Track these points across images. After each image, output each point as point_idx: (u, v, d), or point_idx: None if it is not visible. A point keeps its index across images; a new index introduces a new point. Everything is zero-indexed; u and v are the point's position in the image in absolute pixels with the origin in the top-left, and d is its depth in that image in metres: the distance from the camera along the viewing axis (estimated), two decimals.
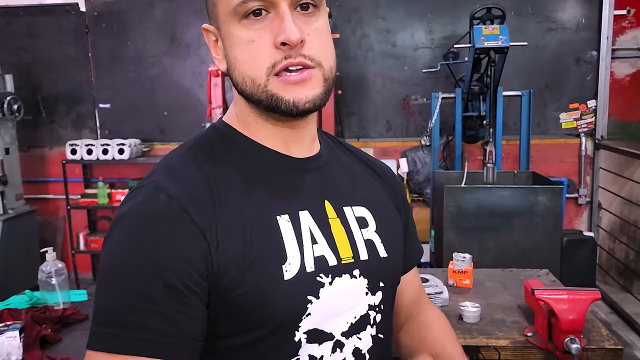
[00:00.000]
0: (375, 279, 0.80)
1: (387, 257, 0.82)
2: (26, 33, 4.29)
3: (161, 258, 0.64)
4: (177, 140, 4.25)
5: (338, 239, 0.77)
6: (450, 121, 3.74)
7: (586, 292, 1.42)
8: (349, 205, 0.81)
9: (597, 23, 3.84)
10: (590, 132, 3.96)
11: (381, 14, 4.01)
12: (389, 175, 0.94)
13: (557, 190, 2.73)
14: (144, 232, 0.65)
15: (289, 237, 0.72)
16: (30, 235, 4.12)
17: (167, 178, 0.70)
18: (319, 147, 0.83)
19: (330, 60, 0.72)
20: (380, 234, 0.83)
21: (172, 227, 0.65)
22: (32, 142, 4.39)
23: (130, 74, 4.25)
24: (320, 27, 0.71)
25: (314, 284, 0.72)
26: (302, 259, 0.71)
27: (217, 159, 0.74)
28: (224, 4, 0.70)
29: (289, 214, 0.73)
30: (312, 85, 0.70)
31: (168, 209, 0.66)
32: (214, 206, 0.68)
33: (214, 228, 0.67)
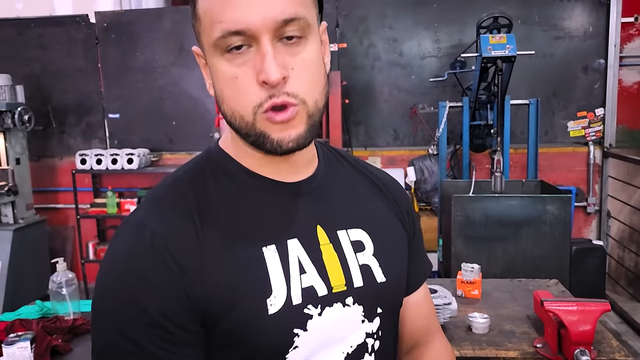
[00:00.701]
0: (371, 306, 0.77)
1: (385, 281, 0.78)
2: (37, 44, 4.35)
3: (142, 299, 0.64)
4: (185, 150, 4.28)
5: (329, 267, 0.74)
6: (458, 130, 3.74)
7: (596, 304, 1.41)
8: (343, 229, 0.78)
9: (604, 31, 3.84)
10: (598, 140, 3.95)
11: (388, 23, 4.03)
12: (392, 187, 0.90)
13: (565, 199, 2.72)
14: (126, 273, 0.66)
15: (275, 269, 0.69)
16: (40, 245, 4.15)
17: (151, 214, 0.70)
18: (315, 166, 0.80)
19: (316, 93, 0.68)
20: (378, 256, 0.79)
21: (154, 267, 0.65)
22: (43, 152, 4.44)
23: (139, 84, 4.29)
24: (307, 57, 0.67)
25: (300, 317, 0.70)
26: (288, 291, 0.69)
27: (205, 190, 0.73)
28: (206, 36, 0.68)
29: (275, 244, 0.71)
30: (295, 125, 0.67)
31: (150, 248, 0.66)
32: (197, 242, 0.67)
33: (196, 265, 0.66)
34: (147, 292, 0.65)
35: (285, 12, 0.63)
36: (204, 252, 0.67)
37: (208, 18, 0.66)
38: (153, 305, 0.64)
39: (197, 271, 0.66)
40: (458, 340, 1.54)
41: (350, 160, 0.88)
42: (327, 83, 0.72)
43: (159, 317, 0.64)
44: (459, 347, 1.50)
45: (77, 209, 4.16)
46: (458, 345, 1.51)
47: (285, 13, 0.63)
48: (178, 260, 0.66)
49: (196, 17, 0.69)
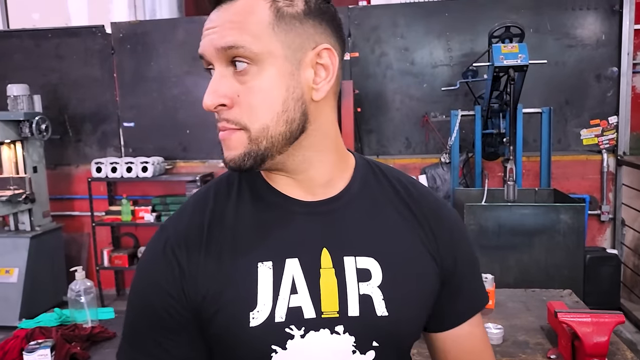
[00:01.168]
0: (365, 338, 0.74)
1: (386, 316, 0.74)
2: (54, 55, 4.43)
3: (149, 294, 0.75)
4: (199, 158, 4.33)
5: (325, 291, 0.73)
6: (470, 138, 3.75)
7: (610, 315, 1.41)
8: (352, 255, 0.75)
9: (617, 39, 3.83)
10: (612, 148, 3.93)
11: (400, 32, 4.05)
12: (434, 216, 0.82)
13: (579, 208, 2.72)
14: (143, 272, 0.77)
15: (265, 285, 0.72)
16: (57, 252, 4.21)
17: (173, 219, 0.80)
18: (341, 187, 0.79)
19: (264, 119, 0.69)
20: (384, 289, 0.75)
21: (161, 268, 0.74)
22: (59, 160, 4.51)
23: (153, 93, 4.35)
24: (254, 86, 0.68)
25: (280, 335, 0.71)
26: (273, 307, 0.71)
27: (226, 201, 0.78)
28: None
29: (273, 261, 0.73)
30: (231, 146, 0.70)
31: (162, 251, 0.75)
32: (201, 249, 0.74)
33: (194, 270, 0.73)
34: (155, 292, 0.74)
35: (223, 41, 0.67)
36: (204, 259, 0.73)
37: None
38: (157, 298, 0.74)
39: (194, 275, 0.73)
40: None
41: (393, 181, 0.83)
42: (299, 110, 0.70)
43: (160, 308, 0.73)
44: None
45: (92, 217, 4.22)
46: None
47: (222, 41, 0.67)
48: (180, 263, 0.73)
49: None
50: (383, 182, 0.83)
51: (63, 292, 4.19)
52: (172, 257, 0.74)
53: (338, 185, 0.79)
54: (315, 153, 0.75)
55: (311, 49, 0.70)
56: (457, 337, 0.85)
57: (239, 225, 0.75)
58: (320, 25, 0.71)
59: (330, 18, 0.73)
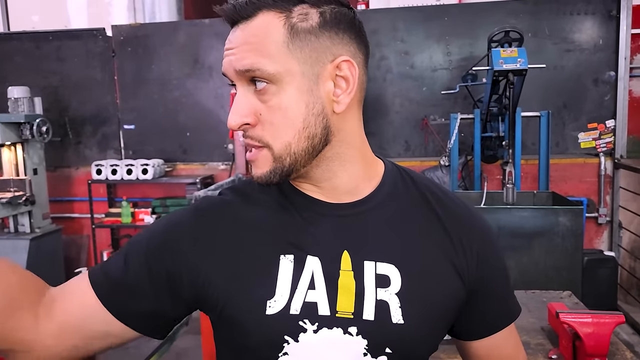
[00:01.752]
0: (378, 343, 0.74)
1: (402, 324, 0.74)
2: (55, 57, 4.44)
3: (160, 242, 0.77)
4: (199, 161, 4.35)
5: (342, 291, 0.74)
6: (469, 141, 3.78)
7: (610, 316, 1.44)
8: (372, 260, 0.75)
9: (614, 43, 3.87)
10: (609, 151, 3.97)
11: (400, 36, 4.08)
12: (464, 229, 0.81)
13: (577, 210, 2.75)
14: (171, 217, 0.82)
15: (285, 277, 0.74)
16: (56, 254, 4.22)
17: (211, 196, 0.84)
18: (368, 191, 0.79)
19: (286, 137, 0.70)
20: (402, 297, 0.74)
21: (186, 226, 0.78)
22: (59, 162, 4.52)
23: (154, 96, 4.37)
24: (275, 105, 0.70)
25: (294, 327, 0.73)
26: (289, 299, 0.73)
27: (255, 198, 0.81)
28: None
29: (294, 255, 0.75)
30: (258, 165, 0.73)
31: (193, 215, 0.80)
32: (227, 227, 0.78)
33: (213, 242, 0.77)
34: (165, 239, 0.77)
35: (240, 64, 0.70)
36: (231, 237, 0.77)
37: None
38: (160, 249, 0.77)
39: (216, 249, 0.76)
40: None
41: (422, 189, 0.83)
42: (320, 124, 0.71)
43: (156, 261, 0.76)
44: None
45: (92, 219, 4.24)
46: None
47: (240, 64, 0.70)
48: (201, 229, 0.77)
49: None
50: (412, 189, 0.82)
51: None
52: (197, 225, 0.78)
53: (364, 191, 0.79)
54: (340, 163, 0.76)
55: (329, 62, 0.70)
56: (489, 346, 0.87)
57: (265, 220, 0.78)
58: (337, 35, 0.71)
59: (348, 24, 0.72)
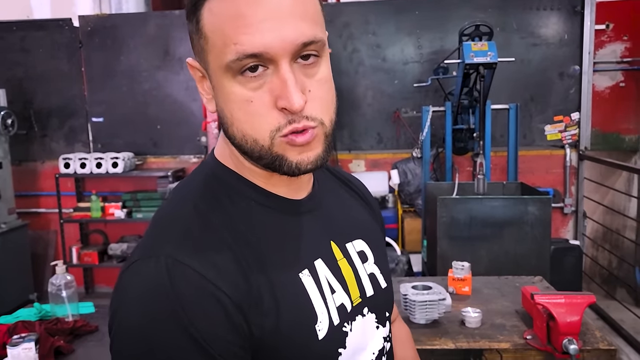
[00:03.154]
0: (381, 312, 0.80)
1: (386, 286, 0.82)
2: (19, 48, 4.31)
3: (201, 341, 0.58)
4: (170, 154, 4.29)
5: (348, 281, 0.75)
6: (440, 133, 3.84)
7: (582, 296, 1.50)
8: (350, 241, 0.79)
9: (578, 38, 3.99)
10: (574, 143, 4.10)
11: (371, 29, 4.11)
12: (365, 191, 0.93)
13: (545, 200, 2.83)
14: (175, 320, 0.58)
15: (314, 294, 0.69)
16: (23, 250, 4.11)
17: (182, 247, 0.62)
18: (312, 182, 0.79)
19: (331, 112, 0.66)
20: (378, 263, 0.82)
21: (208, 311, 0.59)
22: (24, 156, 4.39)
23: (123, 88, 4.29)
24: (322, 77, 0.65)
25: (341, 335, 0.71)
26: (328, 313, 0.70)
27: (228, 215, 0.67)
28: (215, 55, 0.63)
29: (307, 268, 0.70)
30: (314, 146, 0.65)
31: (199, 289, 0.59)
32: (243, 273, 0.63)
33: (249, 298, 0.62)
34: (204, 338, 0.58)
35: (305, 35, 0.61)
36: (251, 280, 0.63)
37: (219, 38, 0.61)
38: (214, 346, 0.59)
39: (251, 303, 0.62)
40: (453, 334, 1.61)
41: (331, 170, 0.89)
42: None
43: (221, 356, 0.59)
44: (454, 340, 1.57)
45: (60, 213, 4.14)
46: (453, 338, 1.58)
47: (304, 36, 0.61)
48: (232, 299, 0.61)
49: (200, 34, 0.64)
50: (324, 171, 0.86)
51: (29, 290, 4.10)
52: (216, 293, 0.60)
53: (312, 178, 0.79)
54: None
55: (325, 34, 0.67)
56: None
57: (260, 238, 0.68)
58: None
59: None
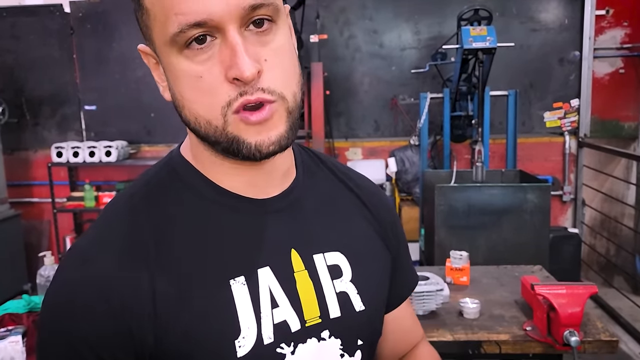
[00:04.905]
0: (351, 338, 0.69)
1: (364, 310, 0.70)
2: (9, 34, 4.22)
3: (81, 341, 0.57)
4: (164, 142, 4.24)
5: (304, 297, 0.66)
6: (438, 121, 3.79)
7: (584, 287, 1.46)
8: (320, 252, 0.69)
9: (579, 23, 3.93)
10: (573, 130, 4.05)
11: (368, 14, 4.04)
12: (375, 199, 0.80)
13: (544, 188, 2.79)
14: (64, 315, 0.58)
15: (244, 305, 0.61)
16: (16, 240, 4.06)
17: (96, 243, 0.61)
18: (292, 178, 0.71)
19: (293, 85, 0.60)
20: (356, 282, 0.70)
21: (94, 307, 0.57)
22: (16, 145, 4.32)
23: (116, 75, 4.22)
24: (279, 46, 0.58)
25: (272, 357, 0.62)
26: (259, 329, 0.61)
27: (163, 210, 0.63)
28: (159, 31, 0.57)
29: (244, 275, 0.62)
30: (275, 124, 0.58)
31: (91, 286, 0.58)
32: (151, 277, 0.59)
33: (150, 303, 0.58)
34: (87, 334, 0.57)
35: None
36: (159, 289, 0.59)
37: (159, 10, 0.56)
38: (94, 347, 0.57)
39: (152, 310, 0.58)
40: (451, 325, 1.58)
41: (331, 167, 0.79)
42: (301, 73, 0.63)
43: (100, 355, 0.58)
44: (452, 332, 1.54)
45: (53, 203, 4.09)
46: (451, 330, 1.55)
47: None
48: (126, 300, 0.57)
49: (142, 9, 0.59)
50: (321, 167, 0.77)
51: (23, 281, 4.06)
52: (109, 292, 0.57)
53: (290, 174, 0.71)
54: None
55: (282, 5, 0.61)
56: (396, 318, 0.83)
57: (192, 238, 0.62)
58: None
59: None
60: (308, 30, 3.71)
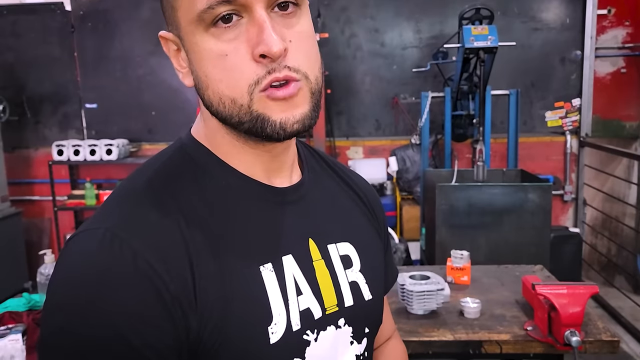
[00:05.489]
0: (360, 326, 0.71)
1: (371, 299, 0.73)
2: (10, 32, 4.22)
3: (126, 328, 0.52)
4: (165, 141, 4.23)
5: (323, 286, 0.67)
6: (439, 120, 3.78)
7: (585, 287, 1.46)
8: (333, 243, 0.71)
9: (580, 23, 3.92)
10: (575, 130, 4.05)
11: (370, 13, 4.04)
12: (369, 194, 0.83)
13: (545, 187, 2.79)
14: (102, 300, 0.53)
15: (274, 292, 0.61)
16: (16, 238, 4.06)
17: (124, 224, 0.57)
18: (299, 171, 0.72)
19: (315, 69, 0.60)
20: (364, 272, 0.73)
21: (138, 292, 0.53)
22: (17, 143, 4.32)
23: (117, 74, 4.21)
24: (303, 30, 0.60)
25: (300, 344, 0.63)
26: (288, 316, 0.62)
27: (187, 194, 0.61)
28: (185, 9, 0.58)
29: (272, 262, 0.63)
30: (300, 102, 0.58)
31: (133, 268, 0.54)
32: (189, 261, 0.57)
33: (190, 289, 0.56)
34: (131, 322, 0.53)
35: None
36: (197, 270, 0.57)
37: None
38: (139, 336, 0.53)
39: (191, 295, 0.56)
40: (451, 325, 1.57)
41: (331, 164, 0.81)
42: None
43: (145, 348, 0.53)
44: (453, 332, 1.53)
45: (54, 201, 4.09)
46: (452, 330, 1.54)
47: None
48: (169, 287, 0.55)
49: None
50: (322, 164, 0.79)
51: (24, 279, 4.06)
52: (152, 276, 0.54)
53: (297, 168, 0.72)
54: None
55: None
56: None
57: (219, 222, 0.61)
58: None
59: None
60: None
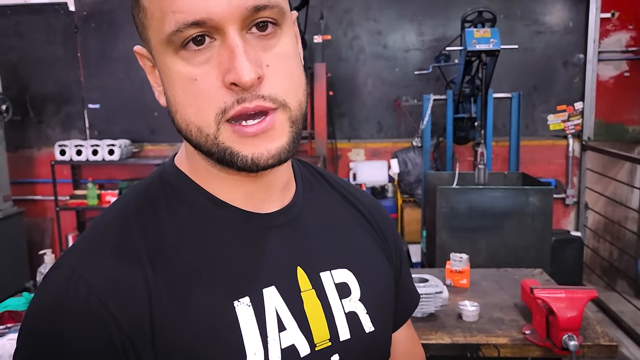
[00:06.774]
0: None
1: (373, 331, 0.66)
2: (14, 32, 4.24)
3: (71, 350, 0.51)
4: (167, 142, 4.24)
5: (312, 318, 0.61)
6: (441, 122, 3.78)
7: (583, 291, 1.46)
8: (327, 270, 0.65)
9: (584, 26, 3.92)
10: (577, 133, 4.04)
11: (372, 15, 4.04)
12: (376, 213, 0.76)
13: (547, 191, 2.78)
14: (53, 338, 0.52)
15: (249, 329, 0.56)
16: (18, 237, 4.07)
17: (87, 259, 0.55)
18: (293, 192, 0.67)
19: (299, 94, 0.56)
20: (365, 301, 0.66)
21: (89, 331, 0.51)
22: (20, 142, 4.34)
23: (120, 74, 4.23)
24: (284, 51, 0.55)
25: None
26: (265, 354, 0.56)
27: (157, 225, 0.58)
28: (154, 30, 0.54)
29: (249, 296, 0.57)
30: (275, 136, 0.54)
31: (84, 306, 0.52)
32: (148, 299, 0.53)
33: (146, 330, 0.53)
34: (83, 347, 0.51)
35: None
36: (156, 308, 0.53)
37: (156, 7, 0.53)
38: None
39: (147, 335, 0.53)
40: (449, 328, 1.57)
41: (331, 182, 0.75)
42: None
43: None
44: (451, 335, 1.53)
45: (56, 201, 4.10)
46: (450, 333, 1.54)
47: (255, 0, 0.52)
48: (121, 324, 0.52)
49: (139, 6, 0.55)
50: (321, 181, 0.74)
51: (25, 278, 4.06)
52: (103, 314, 0.51)
53: (290, 188, 0.67)
54: None
55: (289, 10, 0.58)
56: (403, 337, 0.80)
57: (191, 256, 0.57)
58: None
59: None
60: (312, 30, 3.71)
